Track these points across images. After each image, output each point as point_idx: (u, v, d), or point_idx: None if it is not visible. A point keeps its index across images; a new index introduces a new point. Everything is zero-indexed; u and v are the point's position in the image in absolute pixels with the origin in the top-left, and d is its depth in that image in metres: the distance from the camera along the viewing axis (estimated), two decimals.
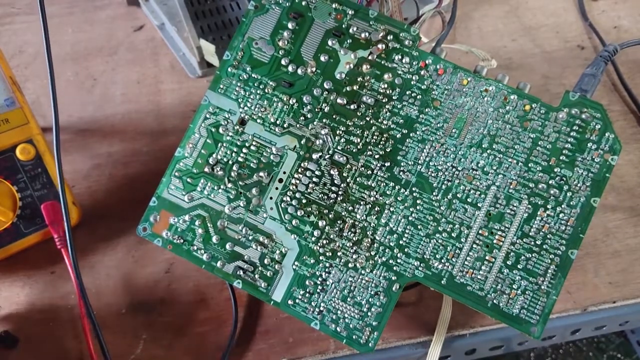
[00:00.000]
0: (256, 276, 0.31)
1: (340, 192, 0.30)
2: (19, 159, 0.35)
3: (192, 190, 0.32)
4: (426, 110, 0.30)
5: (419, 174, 0.30)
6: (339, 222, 0.30)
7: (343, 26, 0.31)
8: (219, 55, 0.45)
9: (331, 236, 0.30)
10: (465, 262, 0.29)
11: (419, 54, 0.30)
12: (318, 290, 0.30)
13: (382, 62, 0.31)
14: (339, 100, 0.31)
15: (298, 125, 0.31)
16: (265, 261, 0.31)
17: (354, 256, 0.30)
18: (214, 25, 0.49)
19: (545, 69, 0.48)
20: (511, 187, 0.29)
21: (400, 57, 0.30)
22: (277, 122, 0.31)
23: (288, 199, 0.31)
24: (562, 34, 0.51)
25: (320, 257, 0.30)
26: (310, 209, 0.31)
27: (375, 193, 0.30)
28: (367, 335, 0.30)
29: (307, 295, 0.30)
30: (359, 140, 0.31)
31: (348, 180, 0.30)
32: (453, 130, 0.30)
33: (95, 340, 0.32)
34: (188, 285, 0.36)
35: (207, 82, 0.46)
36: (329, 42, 0.31)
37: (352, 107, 0.31)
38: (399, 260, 0.30)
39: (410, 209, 0.30)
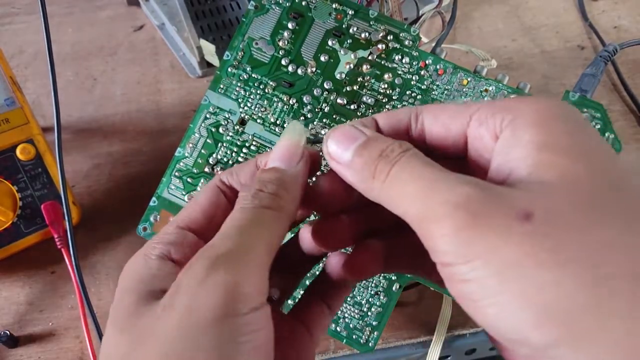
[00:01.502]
0: None
1: None
2: (19, 159, 0.35)
3: (192, 190, 0.32)
4: None
5: None
6: None
7: (343, 26, 0.31)
8: (219, 55, 0.45)
9: None
10: None
11: (419, 54, 0.30)
12: None
13: (382, 62, 0.31)
14: (339, 100, 0.31)
15: None
16: None
17: None
18: (214, 25, 0.49)
19: (545, 69, 0.48)
20: None
21: (400, 57, 0.30)
22: (277, 122, 0.31)
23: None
24: (562, 34, 0.51)
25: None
26: None
27: None
28: (367, 335, 0.30)
29: None
30: None
31: None
32: None
33: (96, 340, 0.32)
34: None
35: (207, 82, 0.46)
36: (329, 42, 0.31)
37: (352, 107, 0.31)
38: None
39: None
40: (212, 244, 0.16)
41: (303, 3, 0.31)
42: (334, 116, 0.31)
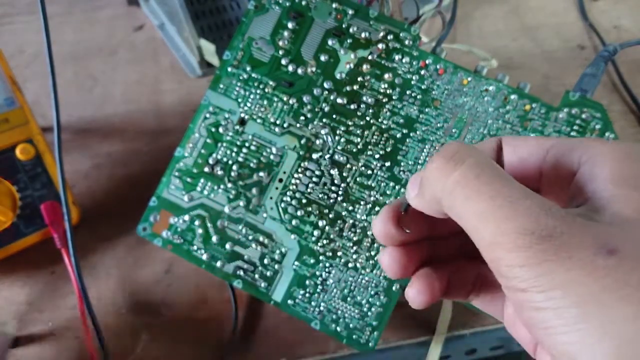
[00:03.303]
0: (256, 276, 0.31)
1: (340, 192, 0.30)
2: (18, 159, 0.35)
3: (192, 190, 0.32)
4: (426, 110, 0.30)
5: None
6: (339, 221, 0.30)
7: (343, 26, 0.31)
8: (219, 55, 0.45)
9: (331, 236, 0.30)
10: None
11: (419, 54, 0.30)
12: (318, 290, 0.30)
13: (383, 62, 0.30)
14: (339, 100, 0.31)
15: (298, 125, 0.31)
16: (265, 261, 0.31)
17: (354, 256, 0.30)
18: (214, 25, 0.49)
19: (545, 68, 0.48)
20: None
21: (400, 56, 0.30)
22: (277, 122, 0.31)
23: (288, 198, 0.31)
24: (562, 34, 0.51)
25: (321, 257, 0.30)
26: (310, 208, 0.31)
27: (375, 193, 0.30)
28: (368, 335, 0.30)
29: (307, 295, 0.30)
30: (359, 140, 0.31)
31: (348, 180, 0.30)
32: (453, 130, 0.30)
33: (95, 340, 0.32)
34: (188, 285, 0.36)
35: (207, 82, 0.46)
36: (329, 42, 0.31)
37: (352, 106, 0.31)
38: None
39: None
40: None
41: (303, 3, 0.31)
42: (334, 116, 0.31)
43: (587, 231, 0.14)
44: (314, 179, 0.31)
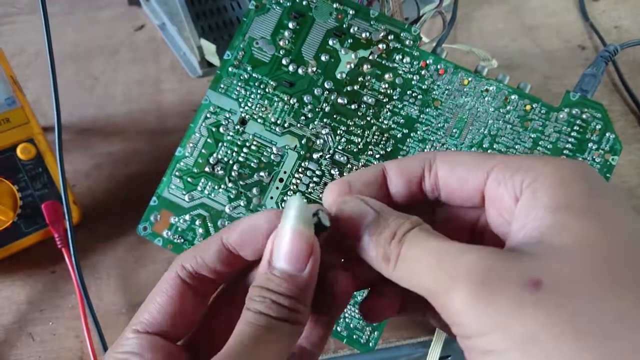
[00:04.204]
0: None
1: None
2: (19, 159, 0.35)
3: (192, 189, 0.32)
4: (427, 110, 0.30)
5: None
6: None
7: (344, 26, 0.31)
8: (220, 54, 0.45)
9: None
10: None
11: (419, 54, 0.30)
12: None
13: (383, 62, 0.30)
14: (339, 100, 0.31)
15: (299, 125, 0.31)
16: None
17: None
18: (214, 25, 0.49)
19: (545, 69, 0.48)
20: None
21: (401, 57, 0.30)
22: (278, 121, 0.31)
23: (288, 198, 0.31)
24: (562, 34, 0.51)
25: None
26: None
27: None
28: (368, 335, 0.30)
29: None
30: (359, 140, 0.31)
31: None
32: (454, 130, 0.30)
33: (96, 340, 0.32)
34: None
35: (208, 82, 0.46)
36: (330, 42, 0.31)
37: (352, 106, 0.31)
38: None
39: None
40: None
41: (304, 3, 0.31)
42: (335, 116, 0.31)
43: (514, 266, 0.14)
44: (315, 179, 0.31)
